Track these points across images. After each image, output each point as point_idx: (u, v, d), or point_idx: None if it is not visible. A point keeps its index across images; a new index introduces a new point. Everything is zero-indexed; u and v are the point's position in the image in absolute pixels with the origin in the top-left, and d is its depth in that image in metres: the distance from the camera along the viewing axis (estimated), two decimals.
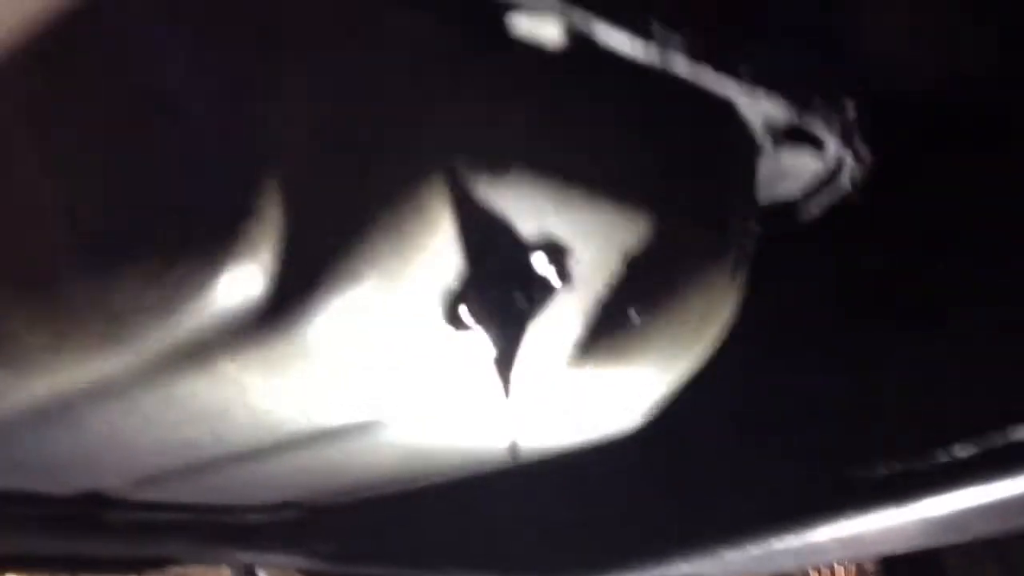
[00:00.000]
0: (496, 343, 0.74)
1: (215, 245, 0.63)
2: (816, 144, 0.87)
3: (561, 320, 0.78)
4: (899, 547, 1.28)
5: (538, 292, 0.75)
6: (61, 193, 0.64)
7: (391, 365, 0.77)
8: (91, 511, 1.30)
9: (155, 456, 1.05)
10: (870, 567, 2.21)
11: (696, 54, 0.74)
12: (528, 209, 0.73)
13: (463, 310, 0.74)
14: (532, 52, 0.70)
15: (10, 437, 0.91)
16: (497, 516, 1.44)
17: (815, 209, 0.97)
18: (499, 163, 0.70)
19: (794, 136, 0.86)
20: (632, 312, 0.81)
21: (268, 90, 0.63)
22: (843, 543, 1.18)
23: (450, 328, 0.74)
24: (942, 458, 1.00)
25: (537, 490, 1.25)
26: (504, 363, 0.74)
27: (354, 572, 1.66)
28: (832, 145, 0.87)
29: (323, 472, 1.15)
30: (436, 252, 0.70)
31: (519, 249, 0.73)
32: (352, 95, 0.64)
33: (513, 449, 0.94)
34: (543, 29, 0.70)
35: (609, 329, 0.81)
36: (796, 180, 0.93)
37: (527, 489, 1.24)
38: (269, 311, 0.67)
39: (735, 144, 0.83)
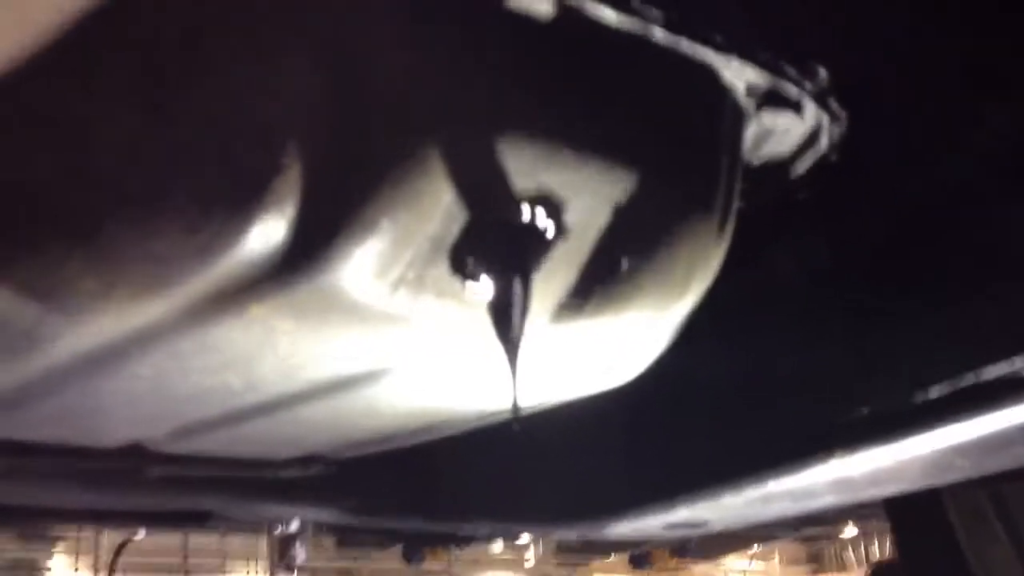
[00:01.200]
0: (499, 290, 0.81)
1: (245, 198, 0.71)
2: (794, 107, 0.94)
3: (557, 269, 0.86)
4: (888, 489, 1.35)
5: (536, 241, 0.82)
6: (107, 150, 0.72)
7: (404, 314, 0.84)
8: (131, 464, 1.38)
9: (192, 405, 1.13)
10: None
11: (672, 25, 0.81)
12: (525, 166, 0.80)
13: (469, 260, 0.81)
14: (525, 22, 0.77)
15: (61, 385, 1.00)
16: (508, 468, 1.53)
17: (800, 168, 1.04)
18: (495, 123, 0.78)
19: (773, 99, 0.93)
20: (623, 261, 0.89)
21: (285, 60, 0.70)
22: (835, 485, 1.25)
23: (457, 277, 0.82)
24: (920, 399, 1.07)
25: (544, 442, 1.33)
26: (506, 309, 0.81)
27: (378, 525, 1.75)
28: (809, 108, 0.94)
29: (345, 423, 1.23)
30: (442, 206, 0.77)
31: (517, 202, 0.81)
32: (358, 63, 0.72)
33: (513, 401, 1.02)
34: (535, 4, 0.77)
35: (601, 278, 0.89)
36: (781, 141, 1.00)
37: (535, 441, 1.31)
38: (294, 258, 0.75)
39: (718, 106, 0.90)
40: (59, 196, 0.73)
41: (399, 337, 0.90)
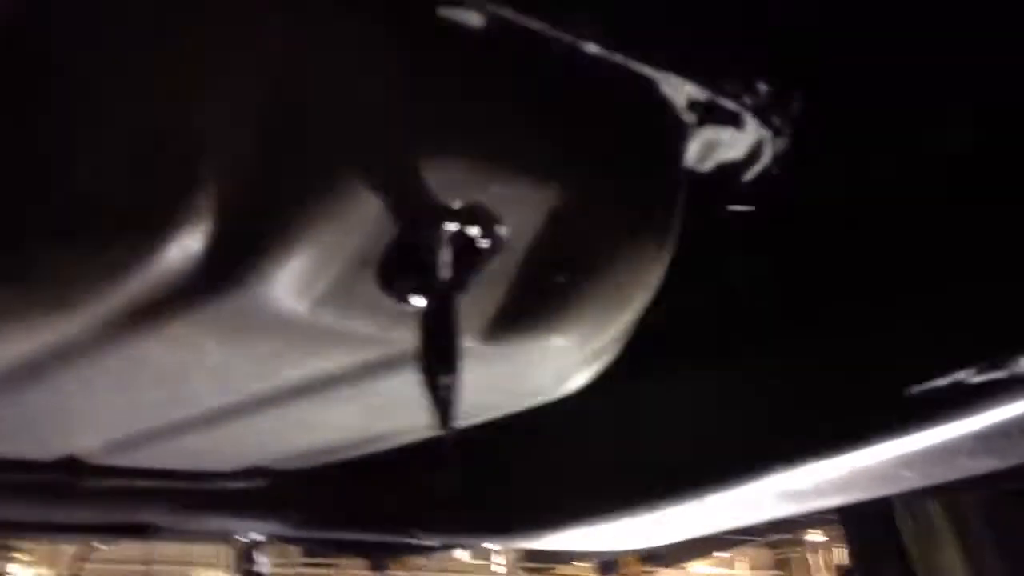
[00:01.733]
0: (428, 307, 0.80)
1: (158, 214, 0.69)
2: (734, 122, 0.93)
3: (490, 286, 0.84)
4: (833, 501, 1.35)
5: (468, 257, 0.80)
6: (20, 171, 0.70)
7: (333, 330, 0.82)
8: (68, 476, 1.36)
9: (123, 419, 1.11)
10: None
11: (607, 40, 0.80)
12: (456, 180, 0.78)
13: (397, 277, 0.79)
14: (454, 34, 0.76)
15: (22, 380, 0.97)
16: (461, 476, 1.51)
17: (748, 178, 1.03)
18: (424, 137, 0.76)
19: (713, 114, 0.92)
20: (559, 276, 0.87)
21: (208, 78, 0.68)
22: (778, 497, 1.25)
23: (385, 295, 0.80)
24: (867, 411, 1.06)
25: (499, 448, 1.31)
26: (436, 327, 0.80)
27: (325, 536, 1.73)
28: (750, 122, 0.93)
29: (286, 436, 1.21)
30: (368, 222, 0.75)
31: (448, 218, 0.79)
32: (282, 73, 0.70)
33: (445, 419, 1.01)
34: (466, 16, 0.75)
35: (536, 294, 0.87)
36: (724, 155, 0.98)
37: (490, 447, 1.30)
38: (213, 276, 0.72)
39: (656, 120, 0.89)
40: None
41: (330, 352, 0.88)
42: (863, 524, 1.92)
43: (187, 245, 0.70)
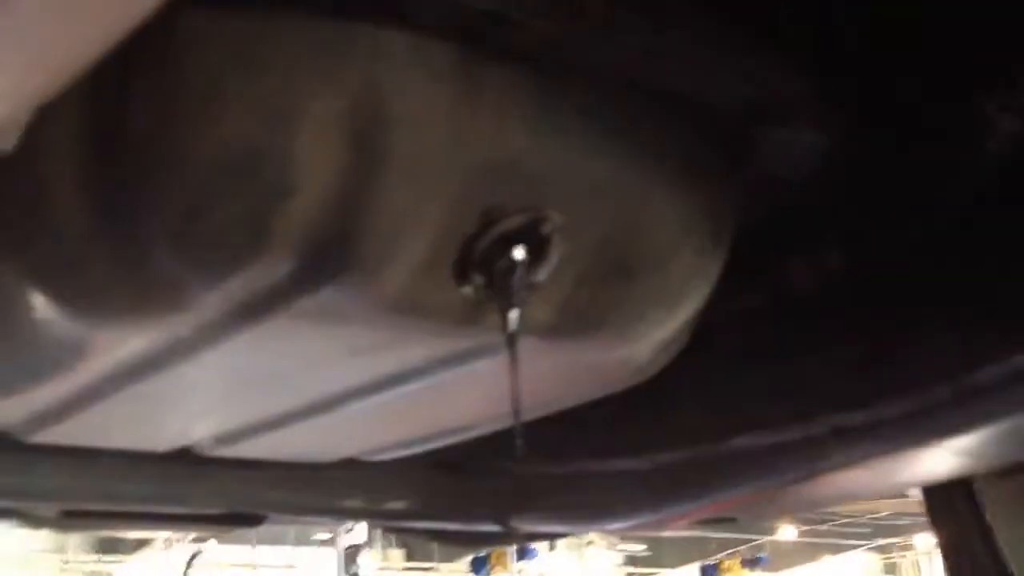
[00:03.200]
0: (501, 299, 0.88)
1: (257, 225, 0.79)
2: (788, 123, 0.99)
3: (555, 284, 0.92)
4: (893, 487, 1.39)
5: (537, 253, 0.89)
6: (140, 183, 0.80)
7: (411, 325, 0.91)
8: (181, 468, 1.47)
9: (232, 412, 1.22)
10: None
11: (656, 50, 0.87)
12: (526, 185, 0.87)
13: (471, 273, 0.88)
14: (510, 49, 0.84)
15: (107, 394, 1.08)
16: (551, 464, 1.59)
17: (800, 179, 1.09)
18: (494, 146, 0.85)
19: (767, 115, 0.98)
20: (619, 277, 0.95)
21: (301, 107, 0.78)
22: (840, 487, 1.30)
23: (461, 285, 0.89)
24: (930, 399, 1.11)
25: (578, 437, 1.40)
26: (508, 317, 0.88)
27: (418, 526, 1.82)
28: (803, 122, 0.99)
29: (381, 425, 1.31)
30: (444, 225, 0.84)
31: (522, 216, 0.88)
32: (361, 104, 0.79)
33: (515, 409, 1.09)
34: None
35: (598, 292, 0.95)
36: (779, 155, 1.05)
37: (569, 438, 1.38)
38: (306, 277, 0.82)
39: (709, 124, 0.96)
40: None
41: (410, 346, 0.97)
42: (947, 505, 1.94)
43: (282, 251, 0.80)
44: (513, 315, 0.87)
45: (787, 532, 19.19)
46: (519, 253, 0.87)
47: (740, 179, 1.03)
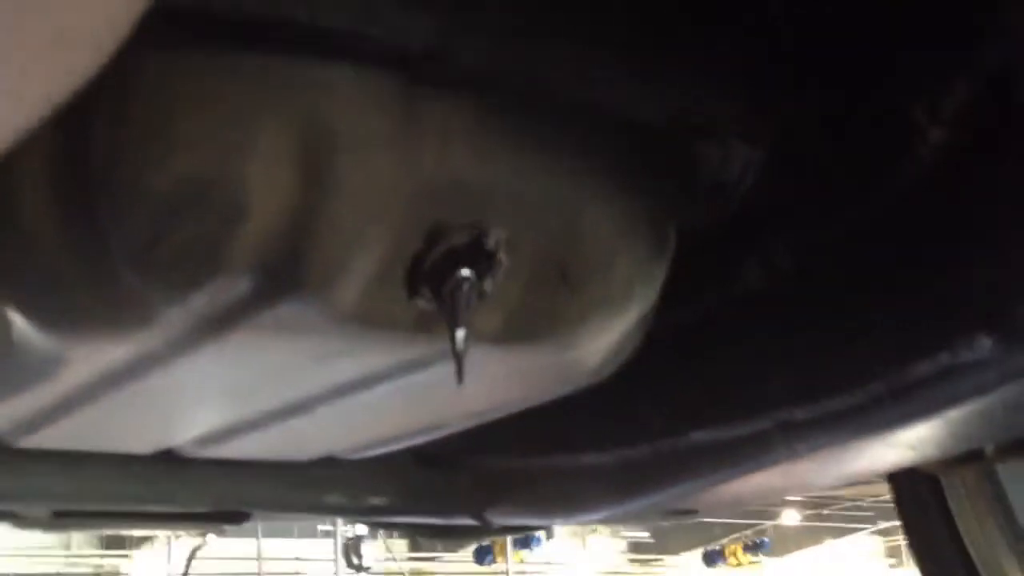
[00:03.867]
0: (446, 307, 0.94)
1: (212, 245, 0.85)
2: (718, 138, 1.05)
3: (502, 293, 0.98)
4: (845, 476, 1.45)
5: (482, 265, 0.95)
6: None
7: (365, 336, 0.97)
8: (166, 469, 1.54)
9: (209, 415, 1.28)
10: None
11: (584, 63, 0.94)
12: (470, 203, 0.93)
13: (422, 285, 0.94)
14: (462, 88, 0.90)
15: (88, 400, 1.15)
16: (526, 458, 1.65)
17: (742, 186, 1.14)
18: (437, 166, 0.91)
19: (698, 131, 1.04)
20: (563, 283, 1.01)
21: (251, 133, 0.84)
22: (788, 475, 1.36)
23: (412, 297, 0.95)
24: (887, 386, 1.16)
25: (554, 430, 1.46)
26: (456, 329, 0.94)
27: (398, 520, 1.88)
28: (732, 138, 1.05)
29: (348, 426, 1.37)
30: (393, 242, 0.91)
31: (467, 232, 0.94)
32: (309, 127, 0.85)
33: (467, 414, 1.16)
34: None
35: (544, 299, 1.01)
36: (716, 166, 1.11)
37: (545, 430, 1.45)
38: (262, 293, 0.88)
39: (648, 133, 1.02)
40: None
41: (366, 354, 1.03)
42: (913, 494, 2.00)
43: (238, 271, 0.86)
44: (460, 335, 0.93)
45: (790, 516, 19.30)
46: (465, 272, 0.93)
47: (680, 188, 1.09)
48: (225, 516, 1.80)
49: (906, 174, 1.13)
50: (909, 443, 1.25)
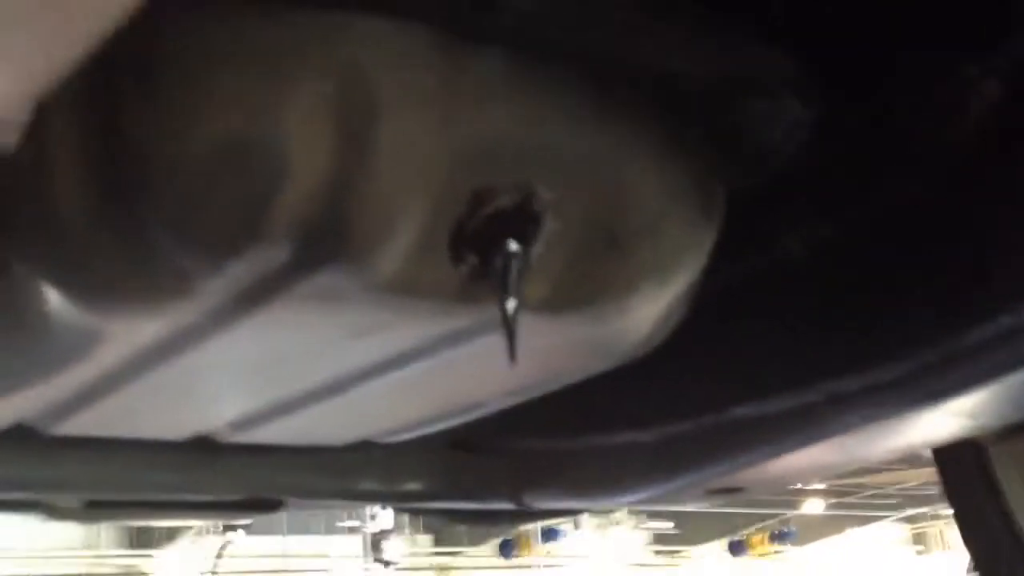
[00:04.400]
0: (495, 276, 0.91)
1: (252, 211, 0.82)
2: (770, 95, 1.02)
3: (547, 258, 0.95)
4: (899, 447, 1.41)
5: (529, 230, 0.92)
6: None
7: (408, 305, 0.94)
8: (201, 456, 1.52)
9: (245, 398, 1.26)
10: None
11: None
12: (514, 165, 0.90)
13: (467, 250, 0.91)
14: (504, 43, 0.87)
15: (121, 382, 1.12)
16: (559, 442, 1.62)
17: (787, 151, 1.11)
18: (479, 125, 0.88)
19: (748, 88, 1.01)
20: (610, 250, 0.98)
21: (290, 93, 0.81)
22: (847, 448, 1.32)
23: (457, 264, 0.92)
24: (925, 359, 1.13)
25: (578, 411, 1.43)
26: (503, 294, 0.91)
27: (434, 506, 1.86)
28: (786, 95, 1.01)
29: (385, 407, 1.34)
30: (433, 206, 0.87)
31: (512, 195, 0.90)
32: (350, 88, 0.82)
33: (509, 390, 1.13)
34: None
35: (591, 265, 0.98)
36: (763, 127, 1.07)
37: (568, 413, 1.42)
38: (302, 262, 0.85)
39: (693, 96, 0.98)
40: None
41: (410, 326, 1.00)
42: (958, 470, 1.96)
43: (277, 237, 0.83)
44: (511, 305, 0.90)
45: (814, 505, 19.22)
46: (513, 246, 0.90)
47: (727, 150, 1.06)
48: (258, 504, 1.77)
49: (958, 137, 1.09)
50: (967, 411, 1.22)
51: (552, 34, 0.88)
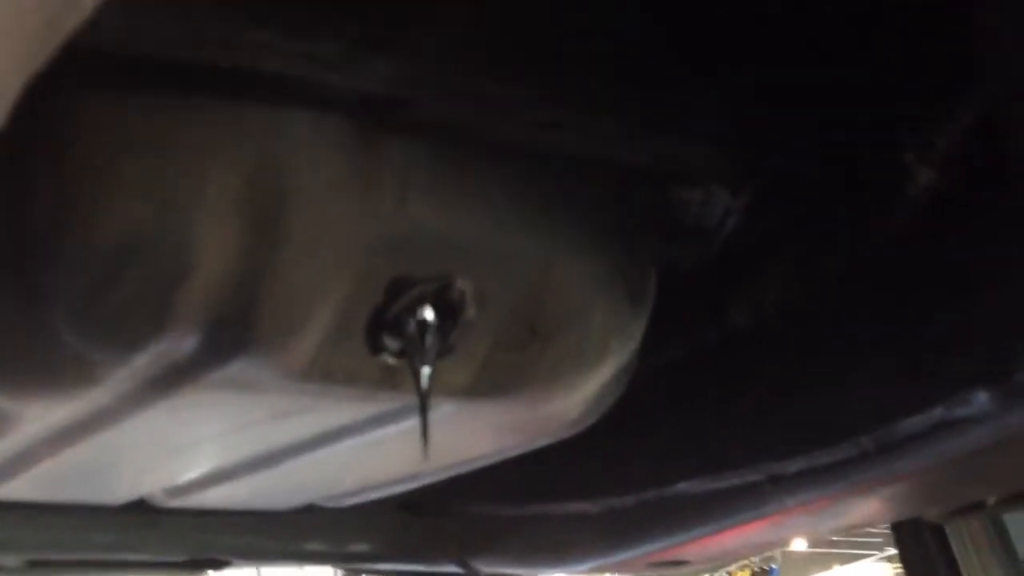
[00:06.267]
0: (412, 364, 0.89)
1: (156, 305, 0.80)
2: (700, 185, 1.00)
3: (472, 346, 0.93)
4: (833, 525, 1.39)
5: (447, 319, 0.90)
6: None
7: (325, 392, 0.92)
8: (141, 519, 1.49)
9: (173, 468, 1.23)
10: None
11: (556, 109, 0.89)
12: (433, 255, 0.88)
13: (384, 339, 0.89)
14: (414, 124, 0.86)
15: (47, 453, 1.10)
16: (504, 507, 1.60)
17: (723, 232, 1.10)
18: (401, 216, 0.86)
19: (680, 178, 1.00)
20: (535, 337, 0.96)
21: (198, 187, 0.79)
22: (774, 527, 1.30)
23: (375, 352, 0.90)
24: (866, 443, 1.11)
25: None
26: (419, 382, 0.89)
27: (381, 568, 1.83)
28: (714, 185, 1.00)
29: (324, 477, 1.32)
30: (351, 296, 0.86)
31: (430, 285, 0.89)
32: (259, 179, 0.81)
33: (442, 466, 1.11)
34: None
35: (516, 353, 0.96)
36: (697, 212, 1.06)
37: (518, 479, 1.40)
38: (208, 353, 0.83)
39: (616, 187, 0.97)
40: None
41: (330, 410, 0.98)
42: (915, 543, 1.95)
43: (185, 329, 0.81)
44: (425, 372, 0.88)
45: (798, 542, 19.13)
46: (429, 314, 0.88)
47: (659, 234, 1.04)
48: (203, 564, 1.74)
49: (896, 216, 1.08)
50: (902, 497, 1.20)
51: (471, 130, 0.87)
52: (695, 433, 1.31)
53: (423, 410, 0.89)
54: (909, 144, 1.04)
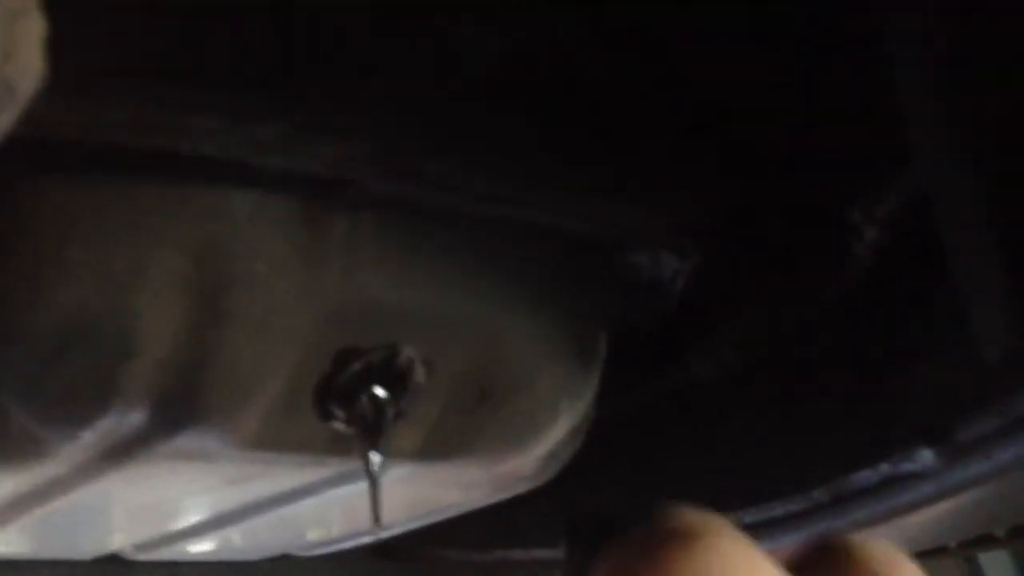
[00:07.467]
0: (360, 431, 0.91)
1: (100, 383, 0.82)
2: (648, 250, 1.02)
3: (421, 410, 0.95)
4: None
5: (396, 386, 0.91)
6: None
7: (276, 459, 0.94)
8: (117, 567, 1.50)
9: (136, 529, 1.25)
10: None
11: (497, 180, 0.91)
12: (380, 325, 0.90)
13: (331, 407, 0.91)
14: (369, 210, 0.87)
15: (12, 518, 1.11)
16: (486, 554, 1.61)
17: (675, 290, 1.11)
18: (349, 288, 0.88)
19: (624, 244, 1.01)
20: (485, 400, 0.98)
21: (140, 268, 0.81)
22: None
23: (324, 420, 0.91)
24: (823, 493, 1.12)
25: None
26: (368, 450, 0.91)
27: None
28: (659, 248, 1.02)
29: (288, 531, 1.33)
30: (298, 366, 0.87)
31: (378, 353, 0.90)
32: (202, 263, 0.82)
33: (401, 521, 1.12)
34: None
35: (465, 416, 0.98)
36: (649, 272, 1.08)
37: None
38: (154, 427, 0.85)
39: (564, 253, 0.99)
40: None
41: (283, 475, 0.99)
42: None
43: (130, 406, 0.83)
44: (375, 459, 0.89)
45: None
46: (379, 392, 0.90)
47: (608, 297, 1.06)
48: None
49: (846, 276, 1.10)
50: None
51: (415, 200, 0.89)
52: (655, 481, 1.32)
53: (374, 496, 0.90)
54: (856, 208, 1.05)
